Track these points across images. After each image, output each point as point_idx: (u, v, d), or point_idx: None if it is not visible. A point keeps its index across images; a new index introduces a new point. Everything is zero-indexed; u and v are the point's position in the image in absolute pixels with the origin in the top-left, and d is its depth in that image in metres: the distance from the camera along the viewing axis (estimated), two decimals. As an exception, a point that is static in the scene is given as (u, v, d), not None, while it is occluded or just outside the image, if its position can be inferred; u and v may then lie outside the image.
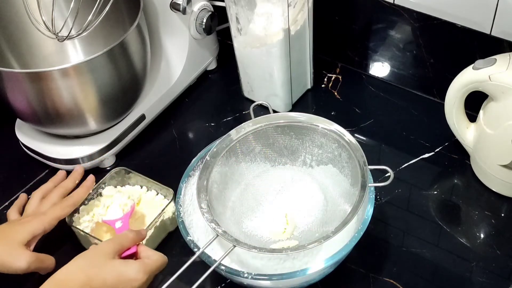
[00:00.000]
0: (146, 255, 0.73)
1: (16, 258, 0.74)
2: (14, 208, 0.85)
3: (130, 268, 0.69)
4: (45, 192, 0.84)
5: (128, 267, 0.69)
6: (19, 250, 0.75)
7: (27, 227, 0.77)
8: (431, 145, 0.97)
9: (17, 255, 0.74)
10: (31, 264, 0.75)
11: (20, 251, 0.75)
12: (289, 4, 0.91)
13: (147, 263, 0.71)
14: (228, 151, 0.81)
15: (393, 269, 0.82)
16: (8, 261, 0.74)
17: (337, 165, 0.82)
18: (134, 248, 0.74)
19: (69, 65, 0.84)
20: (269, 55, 0.97)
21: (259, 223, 0.81)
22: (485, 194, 0.90)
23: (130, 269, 0.69)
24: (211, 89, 1.13)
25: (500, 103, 0.82)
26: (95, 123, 0.94)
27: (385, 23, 1.03)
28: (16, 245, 0.75)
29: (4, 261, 0.74)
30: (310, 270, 0.71)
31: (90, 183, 0.85)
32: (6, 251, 0.74)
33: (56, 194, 0.83)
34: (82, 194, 0.84)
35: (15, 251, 0.75)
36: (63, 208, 0.81)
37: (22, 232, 0.76)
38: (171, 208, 0.86)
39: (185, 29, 1.03)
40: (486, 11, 0.90)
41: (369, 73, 1.11)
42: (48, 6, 0.86)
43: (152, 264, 0.71)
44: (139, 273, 0.69)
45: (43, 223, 0.78)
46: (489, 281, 0.80)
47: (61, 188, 0.85)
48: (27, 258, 0.74)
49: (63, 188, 0.85)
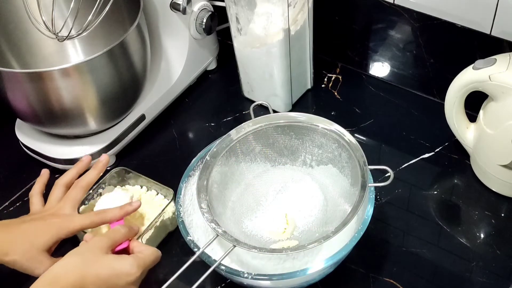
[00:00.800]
0: (139, 250, 0.72)
1: (36, 265, 0.72)
2: (37, 190, 0.82)
3: (123, 262, 0.68)
4: (69, 182, 0.82)
5: (121, 261, 0.68)
6: (40, 257, 0.73)
7: (52, 232, 0.74)
8: (431, 145, 0.97)
9: (38, 262, 0.72)
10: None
11: (41, 258, 0.73)
12: (289, 4, 0.91)
13: (141, 257, 0.70)
14: (228, 151, 0.81)
15: (393, 269, 0.82)
16: (28, 266, 0.72)
17: (337, 165, 0.82)
18: (126, 243, 0.73)
19: (69, 65, 0.84)
20: (269, 55, 0.97)
21: (259, 223, 0.81)
22: (485, 194, 0.90)
23: (124, 263, 0.68)
24: (211, 89, 1.13)
25: (500, 103, 0.82)
26: (95, 123, 0.94)
27: (385, 23, 1.03)
28: (38, 251, 0.73)
29: (25, 266, 0.72)
30: (310, 270, 0.71)
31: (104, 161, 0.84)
32: (27, 256, 0.72)
33: (81, 189, 0.80)
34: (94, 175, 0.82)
35: (37, 257, 0.72)
36: (91, 220, 0.77)
37: (45, 235, 0.74)
38: (171, 208, 0.86)
39: (185, 29, 1.03)
40: (486, 11, 0.90)
41: (369, 73, 1.11)
42: (48, 6, 0.86)
43: (146, 259, 0.70)
44: (132, 268, 0.68)
45: (67, 232, 0.75)
46: (489, 281, 0.80)
47: (85, 182, 0.81)
48: (46, 267, 0.71)
49: (87, 182, 0.81)
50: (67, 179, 0.82)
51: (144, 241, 0.82)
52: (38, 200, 0.81)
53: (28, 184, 0.96)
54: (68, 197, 0.79)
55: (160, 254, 0.73)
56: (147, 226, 0.82)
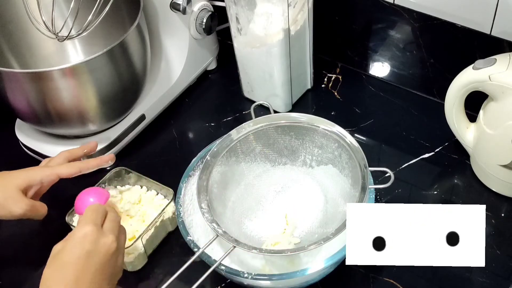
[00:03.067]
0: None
1: (12, 203, 0.75)
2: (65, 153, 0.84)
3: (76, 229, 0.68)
4: (72, 156, 0.84)
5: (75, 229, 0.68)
6: (16, 196, 0.76)
7: (25, 175, 0.78)
8: (431, 145, 0.97)
9: (14, 199, 0.75)
10: (26, 210, 0.76)
11: (17, 196, 0.76)
12: (289, 4, 0.91)
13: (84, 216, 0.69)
14: (228, 151, 0.81)
15: (393, 269, 0.82)
16: (4, 205, 0.75)
17: (337, 165, 0.82)
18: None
19: (69, 65, 0.84)
20: (269, 55, 0.97)
21: (259, 223, 0.81)
22: (485, 194, 0.90)
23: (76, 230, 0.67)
24: (211, 89, 1.13)
25: (500, 103, 0.82)
26: (95, 123, 0.94)
27: (385, 23, 1.03)
28: (13, 190, 0.76)
29: (2, 204, 0.75)
30: (310, 270, 0.71)
31: (107, 158, 0.86)
32: (2, 196, 0.75)
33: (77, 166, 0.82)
34: (93, 164, 0.84)
35: (12, 197, 0.75)
36: (66, 167, 0.80)
37: (19, 178, 0.77)
38: (171, 208, 0.86)
39: (185, 29, 1.03)
40: (486, 11, 0.90)
41: (369, 73, 1.11)
42: (48, 6, 0.86)
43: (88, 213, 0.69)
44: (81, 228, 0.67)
45: (41, 174, 0.79)
46: (489, 281, 0.80)
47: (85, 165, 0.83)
48: (23, 204, 0.76)
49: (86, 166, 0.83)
50: (71, 154, 0.84)
51: (144, 241, 0.82)
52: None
53: (28, 184, 0.96)
54: (59, 165, 0.82)
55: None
56: (147, 226, 0.82)
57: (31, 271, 0.86)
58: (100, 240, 0.67)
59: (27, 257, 0.86)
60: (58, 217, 0.84)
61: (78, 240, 0.66)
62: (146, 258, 0.84)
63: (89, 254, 0.65)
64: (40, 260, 0.85)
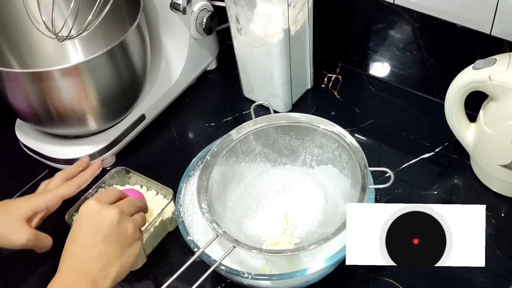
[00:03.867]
0: None
1: (14, 232, 0.74)
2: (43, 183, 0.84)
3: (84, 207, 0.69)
4: (68, 176, 0.83)
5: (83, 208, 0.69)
6: (19, 225, 0.74)
7: (29, 202, 0.77)
8: (431, 145, 0.97)
9: (16, 229, 0.74)
10: (29, 240, 0.74)
11: (20, 226, 0.74)
12: (289, 4, 0.91)
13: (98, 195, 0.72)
14: (228, 151, 0.81)
15: (393, 269, 0.82)
16: (6, 234, 0.74)
17: (337, 165, 0.82)
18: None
19: (69, 65, 0.84)
20: (269, 55, 0.97)
21: (259, 223, 0.81)
22: (485, 194, 0.90)
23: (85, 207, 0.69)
24: (211, 89, 1.13)
25: (500, 103, 0.82)
26: (95, 123, 0.94)
27: (385, 23, 1.03)
28: (16, 219, 0.74)
29: (3, 234, 0.74)
30: (310, 270, 0.71)
31: (96, 166, 0.86)
32: (5, 224, 0.74)
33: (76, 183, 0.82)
34: (88, 176, 0.84)
35: (15, 225, 0.74)
36: (66, 186, 0.80)
37: (23, 206, 0.76)
38: (170, 208, 0.86)
39: (185, 29, 1.03)
40: (486, 11, 0.90)
41: (369, 73, 1.11)
42: (48, 6, 0.86)
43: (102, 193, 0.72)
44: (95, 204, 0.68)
45: (45, 200, 0.77)
46: (489, 281, 0.80)
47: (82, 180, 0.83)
48: (26, 234, 0.74)
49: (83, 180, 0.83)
50: (68, 172, 0.84)
51: (144, 240, 0.82)
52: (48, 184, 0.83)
53: (28, 184, 0.97)
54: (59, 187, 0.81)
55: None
56: (146, 225, 0.82)
57: (31, 271, 0.86)
58: (102, 211, 0.68)
59: (27, 257, 0.86)
60: (58, 216, 0.84)
61: (81, 214, 0.68)
62: (145, 258, 0.84)
63: (92, 226, 0.67)
64: (40, 260, 0.86)
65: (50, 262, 0.85)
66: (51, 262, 0.85)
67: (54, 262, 0.75)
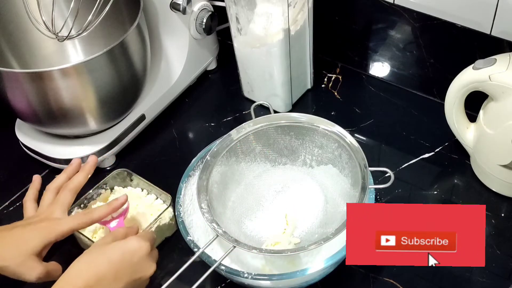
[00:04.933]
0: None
1: (26, 271, 0.72)
2: (30, 196, 0.81)
3: (130, 242, 0.70)
4: (59, 186, 0.81)
5: (128, 242, 0.70)
6: (30, 263, 0.72)
7: (41, 236, 0.74)
8: (431, 145, 0.97)
9: (28, 267, 0.72)
10: (40, 278, 0.73)
11: (31, 263, 0.72)
12: (289, 4, 0.91)
13: (143, 233, 0.74)
14: (228, 151, 0.81)
15: (393, 269, 0.82)
16: (18, 272, 0.72)
17: (337, 165, 0.82)
18: None
19: (69, 65, 0.84)
20: (269, 55, 0.97)
21: (259, 223, 0.81)
22: (485, 194, 0.90)
23: (131, 241, 0.70)
24: (211, 89, 1.13)
25: (500, 103, 0.82)
26: (95, 123, 0.94)
27: (385, 23, 1.03)
28: (28, 255, 0.72)
29: (14, 272, 0.72)
30: (310, 270, 0.71)
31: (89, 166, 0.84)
32: (17, 261, 0.72)
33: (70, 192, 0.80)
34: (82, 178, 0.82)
35: (26, 263, 0.72)
36: (80, 218, 0.77)
37: (34, 239, 0.73)
38: (168, 214, 0.85)
39: (185, 29, 1.03)
40: (486, 11, 0.90)
41: (369, 73, 1.11)
42: (48, 6, 0.86)
43: (147, 234, 0.74)
44: (140, 242, 0.70)
45: (57, 234, 0.74)
46: (489, 281, 0.80)
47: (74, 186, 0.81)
48: (37, 272, 0.72)
49: (76, 185, 0.81)
50: (58, 183, 0.81)
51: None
52: (31, 205, 0.80)
53: (28, 184, 0.96)
54: (57, 201, 0.79)
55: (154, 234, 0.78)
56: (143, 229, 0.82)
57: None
58: (145, 263, 0.70)
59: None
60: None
61: (131, 250, 0.69)
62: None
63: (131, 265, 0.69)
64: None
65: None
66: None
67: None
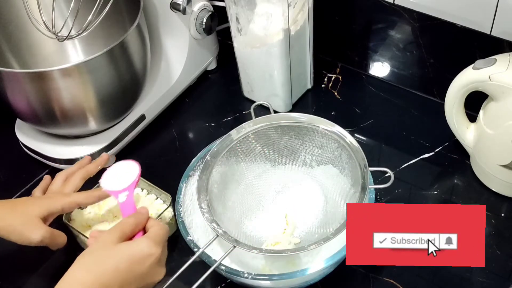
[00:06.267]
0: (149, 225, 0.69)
1: (31, 230, 0.75)
2: (39, 188, 0.84)
3: (140, 246, 0.64)
4: (69, 174, 0.84)
5: (137, 246, 0.64)
6: (35, 223, 0.75)
7: (46, 203, 0.78)
8: (431, 145, 0.97)
9: (33, 227, 0.75)
10: (44, 238, 0.75)
11: (36, 224, 0.75)
12: (289, 4, 0.91)
13: (154, 234, 0.66)
14: (228, 151, 0.81)
15: (393, 269, 0.82)
16: (23, 231, 0.75)
17: (337, 165, 0.82)
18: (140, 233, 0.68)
19: (69, 65, 0.84)
20: (269, 55, 0.97)
21: (259, 223, 0.81)
22: (485, 194, 0.90)
23: (140, 247, 0.64)
24: (211, 89, 1.13)
25: (500, 103, 0.82)
26: (95, 123, 0.94)
27: (385, 23, 1.03)
28: (33, 217, 0.76)
29: (20, 231, 0.75)
30: (310, 270, 0.71)
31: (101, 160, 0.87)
32: (22, 222, 0.75)
33: (79, 176, 0.83)
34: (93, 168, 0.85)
35: (31, 223, 0.75)
36: (85, 196, 0.80)
37: (41, 206, 0.77)
38: (168, 214, 0.85)
39: (185, 29, 1.03)
40: (486, 11, 0.90)
41: (369, 73, 1.11)
42: (48, 6, 0.87)
43: (158, 232, 0.66)
44: (151, 247, 0.64)
45: (62, 204, 0.78)
46: (489, 281, 0.80)
47: (84, 171, 0.84)
48: (41, 232, 0.75)
49: (85, 171, 0.84)
50: (68, 172, 0.85)
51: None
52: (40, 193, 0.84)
53: (28, 184, 0.96)
54: (67, 182, 0.83)
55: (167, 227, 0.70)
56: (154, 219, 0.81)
57: (31, 271, 0.86)
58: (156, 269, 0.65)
59: (27, 257, 0.86)
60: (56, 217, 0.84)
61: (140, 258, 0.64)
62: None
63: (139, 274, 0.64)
64: (39, 260, 0.86)
65: (51, 262, 0.85)
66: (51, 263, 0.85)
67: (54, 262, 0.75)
